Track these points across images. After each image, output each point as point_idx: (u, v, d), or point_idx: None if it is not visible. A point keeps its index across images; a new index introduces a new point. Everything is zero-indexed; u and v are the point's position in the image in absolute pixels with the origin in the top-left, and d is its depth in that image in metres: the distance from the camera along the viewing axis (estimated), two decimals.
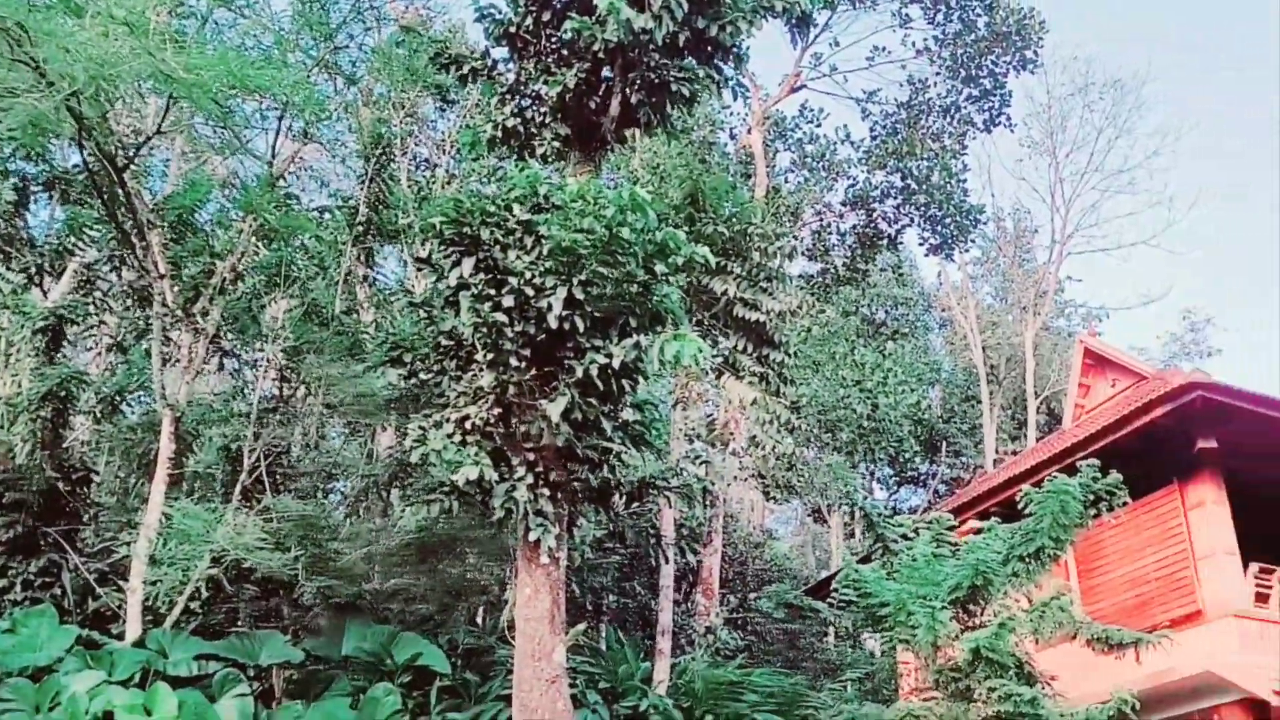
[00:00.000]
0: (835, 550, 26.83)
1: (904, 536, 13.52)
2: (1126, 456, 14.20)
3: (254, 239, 14.81)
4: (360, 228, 16.60)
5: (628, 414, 11.32)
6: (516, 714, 10.20)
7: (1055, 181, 34.87)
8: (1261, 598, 13.94)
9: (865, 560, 13.35)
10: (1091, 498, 12.55)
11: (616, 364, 10.13)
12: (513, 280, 10.09)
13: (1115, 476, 12.62)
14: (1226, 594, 13.54)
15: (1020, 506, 12.74)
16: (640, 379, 10.95)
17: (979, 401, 29.49)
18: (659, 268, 10.33)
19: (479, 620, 15.97)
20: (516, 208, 10.24)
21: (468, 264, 10.23)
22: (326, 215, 18.26)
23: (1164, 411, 13.69)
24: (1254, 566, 14.00)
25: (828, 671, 18.70)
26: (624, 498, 11.81)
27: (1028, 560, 12.26)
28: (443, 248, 10.40)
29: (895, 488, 31.83)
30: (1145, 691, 12.91)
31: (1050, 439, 21.78)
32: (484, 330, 10.12)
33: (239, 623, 14.15)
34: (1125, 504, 12.73)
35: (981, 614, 12.42)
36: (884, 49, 26.67)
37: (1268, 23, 75.03)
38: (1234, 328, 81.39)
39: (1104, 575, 15.14)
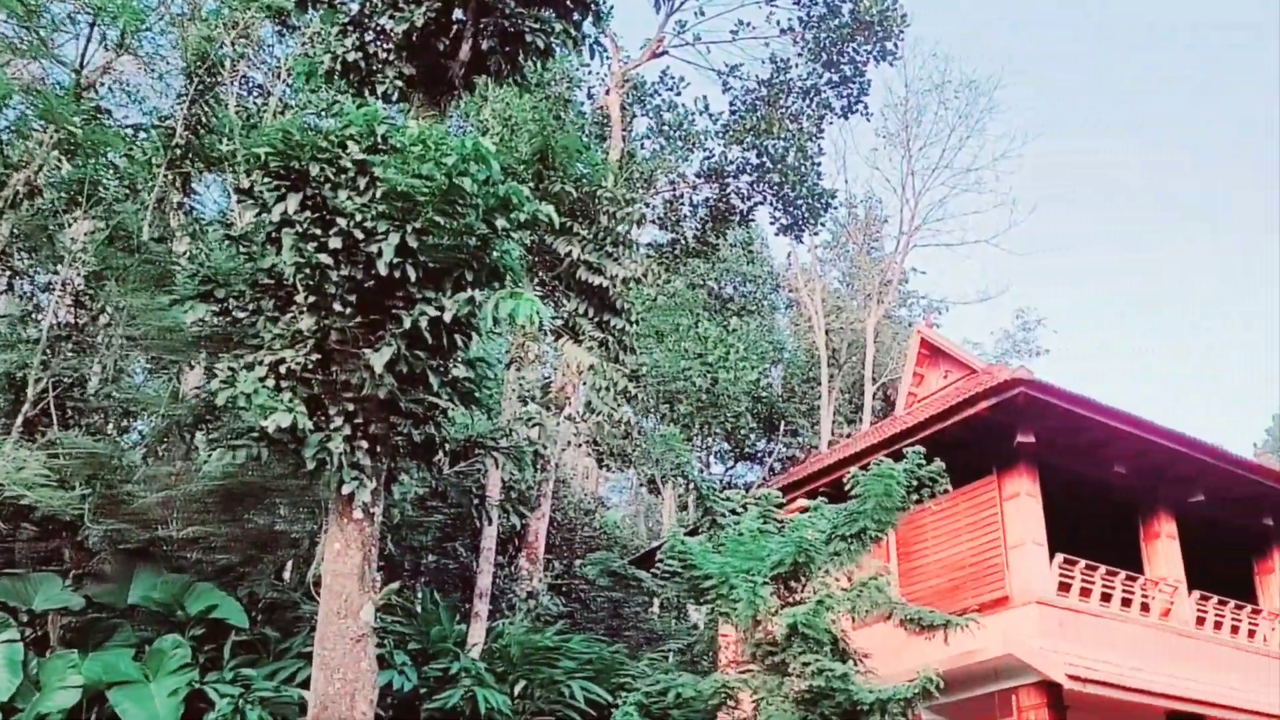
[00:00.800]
0: (668, 522, 27.29)
1: (733, 511, 13.82)
2: (951, 445, 14.91)
3: (55, 152, 13.76)
4: (178, 150, 15.65)
5: (459, 371, 11.13)
6: (316, 672, 9.95)
7: (907, 174, 36.26)
8: (1064, 587, 14.90)
9: (693, 533, 13.58)
10: (915, 483, 13.12)
11: (448, 318, 9.93)
12: (342, 221, 9.74)
13: (939, 464, 13.24)
14: (1032, 582, 14.40)
15: (847, 488, 13.22)
16: (474, 335, 10.77)
17: (819, 383, 30.48)
18: (500, 222, 10.17)
19: (286, 575, 15.47)
20: (351, 146, 9.90)
21: (293, 200, 9.83)
22: (141, 134, 17.14)
23: (988, 405, 14.39)
24: (1059, 557, 14.93)
25: (650, 641, 19.04)
26: (449, 456, 11.62)
27: (850, 540, 12.73)
28: (268, 180, 9.96)
29: (732, 463, 32.63)
30: (951, 671, 13.62)
31: (882, 425, 22.68)
32: (307, 271, 9.74)
33: (15, 565, 13.28)
34: (946, 491, 13.39)
35: (802, 591, 12.84)
36: (749, 24, 26.96)
37: (1120, 38, 79.74)
38: (1064, 329, 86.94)
39: (922, 559, 15.87)
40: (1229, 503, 17.48)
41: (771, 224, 25.14)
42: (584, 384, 14.45)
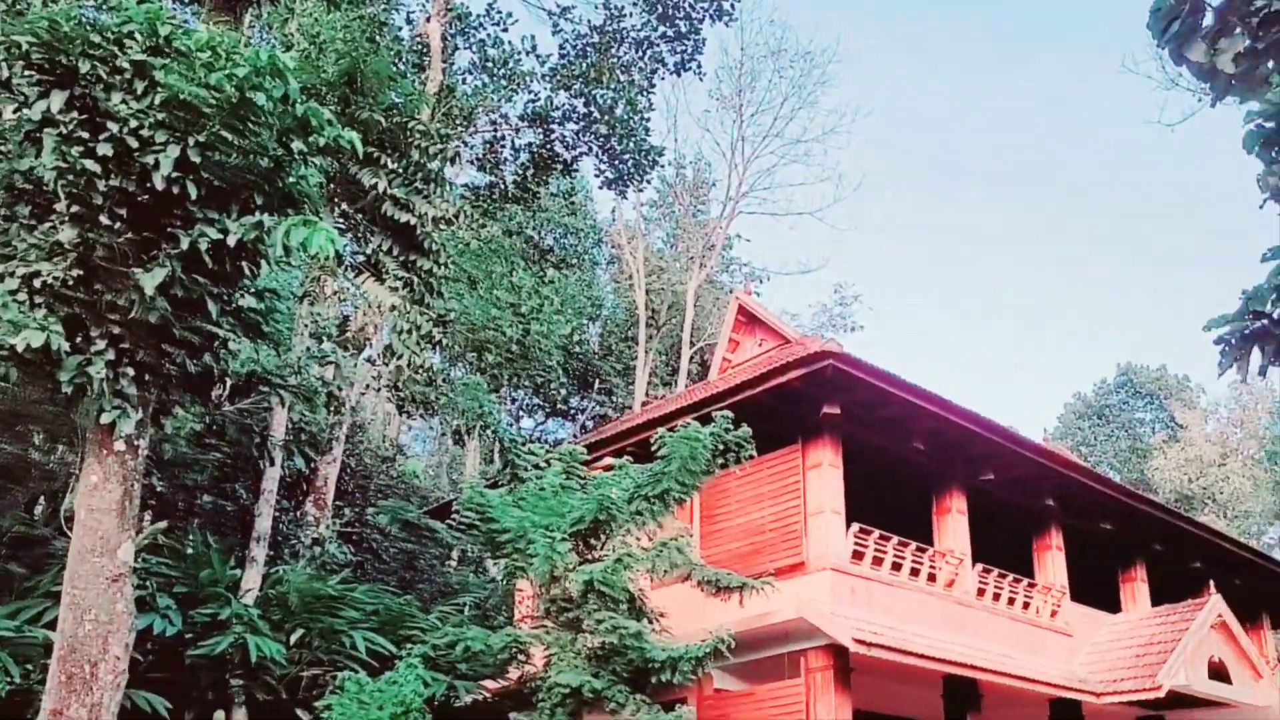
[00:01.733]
0: (471, 474, 27.04)
1: (536, 466, 13.79)
2: (760, 413, 15.34)
3: None
4: None
5: (246, 300, 10.61)
6: (65, 613, 9.39)
7: (738, 139, 36.89)
8: (858, 555, 15.62)
9: (494, 486, 13.49)
10: (721, 447, 13.44)
11: (232, 242, 9.42)
12: (114, 127, 9.08)
13: (746, 430, 13.60)
14: (828, 549, 15.03)
15: (654, 449, 13.41)
16: (263, 264, 10.27)
17: (637, 343, 30.76)
18: (297, 145, 9.73)
19: (38, 509, 14.46)
20: (130, 44, 9.22)
21: (58, 98, 9.10)
22: None
23: (798, 375, 14.85)
24: (855, 526, 15.63)
25: (445, 595, 18.85)
26: (229, 391, 11.07)
27: (653, 501, 12.92)
28: (29, 73, 9.16)
29: (544, 419, 32.61)
30: (745, 633, 14.11)
31: (694, 388, 23.13)
32: (70, 178, 9.03)
33: None
34: (752, 457, 13.78)
35: (602, 548, 12.98)
36: None
37: (955, 21, 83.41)
38: (879, 307, 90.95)
39: (724, 522, 16.30)
40: (1016, 483, 18.74)
41: (596, 176, 25.02)
42: (386, 326, 14.03)
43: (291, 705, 12.49)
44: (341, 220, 13.95)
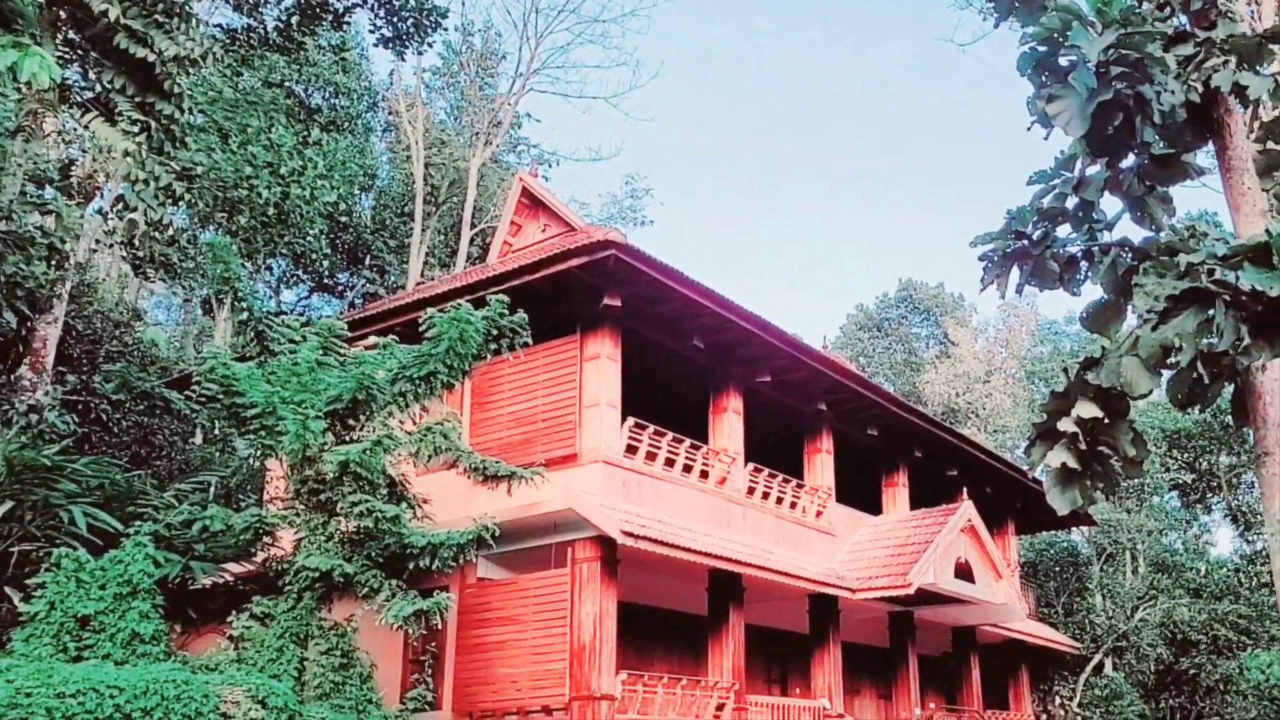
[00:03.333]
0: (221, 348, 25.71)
1: (291, 340, 13.27)
2: (539, 300, 15.30)
3: None
4: None
5: None
6: None
7: (531, 9, 35.89)
8: (632, 449, 16.00)
9: (243, 359, 12.88)
10: (495, 333, 13.29)
11: None
12: None
13: (522, 316, 13.51)
14: (602, 442, 15.31)
15: (422, 329, 13.12)
16: None
17: (414, 220, 29.88)
18: None
19: None
20: None
21: None
22: None
23: (579, 263, 14.86)
24: (631, 420, 15.95)
25: (185, 472, 18.04)
26: None
27: (418, 383, 12.69)
28: None
29: (308, 293, 31.32)
30: (512, 522, 14.27)
31: (472, 270, 22.81)
32: None
33: None
34: (528, 345, 13.72)
35: (361, 429, 12.69)
36: None
37: None
38: (670, 202, 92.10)
39: (497, 410, 16.29)
40: (792, 386, 19.62)
41: (371, 32, 23.63)
42: (119, 175, 12.92)
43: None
44: (65, 48, 12.65)
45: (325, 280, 30.21)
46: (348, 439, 12.40)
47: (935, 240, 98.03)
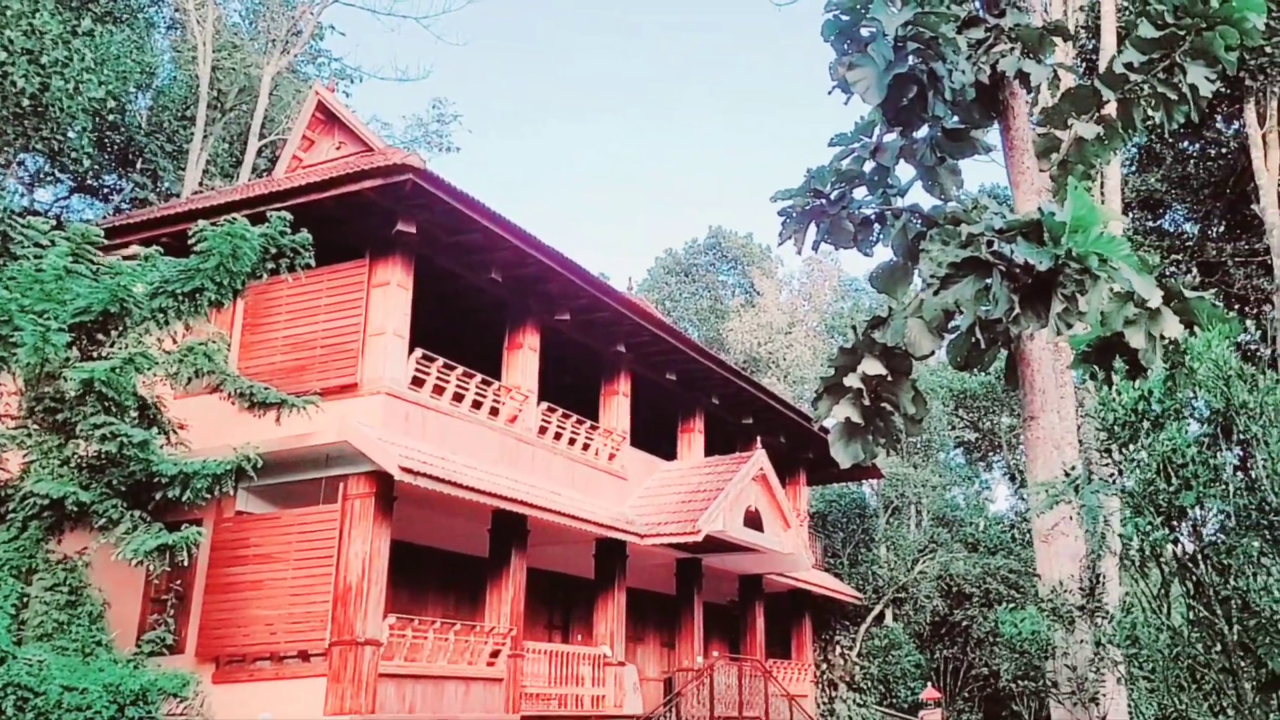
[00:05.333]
0: None
1: (37, 244, 12.30)
2: (326, 220, 14.71)
3: None
4: None
5: None
6: None
7: None
8: (418, 382, 15.61)
9: None
10: (275, 251, 12.70)
11: None
12: None
13: (306, 236, 12.95)
14: (385, 373, 14.87)
15: (191, 242, 12.41)
16: None
17: (195, 125, 28.19)
18: None
19: None
20: None
21: None
22: None
23: (373, 185, 14.38)
24: (418, 352, 15.55)
25: None
26: None
27: (181, 299, 12.02)
28: None
29: (68, 194, 29.08)
30: (280, 453, 13.74)
31: (254, 183, 21.73)
32: None
33: None
34: (310, 266, 13.16)
35: (112, 346, 11.90)
36: None
37: None
38: (480, 132, 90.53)
39: (271, 333, 15.58)
40: (592, 326, 19.61)
41: None
42: None
43: None
44: None
45: (88, 181, 28.09)
46: (95, 355, 11.60)
47: (748, 191, 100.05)
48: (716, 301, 54.26)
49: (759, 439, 23.09)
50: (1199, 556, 7.79)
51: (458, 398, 16.34)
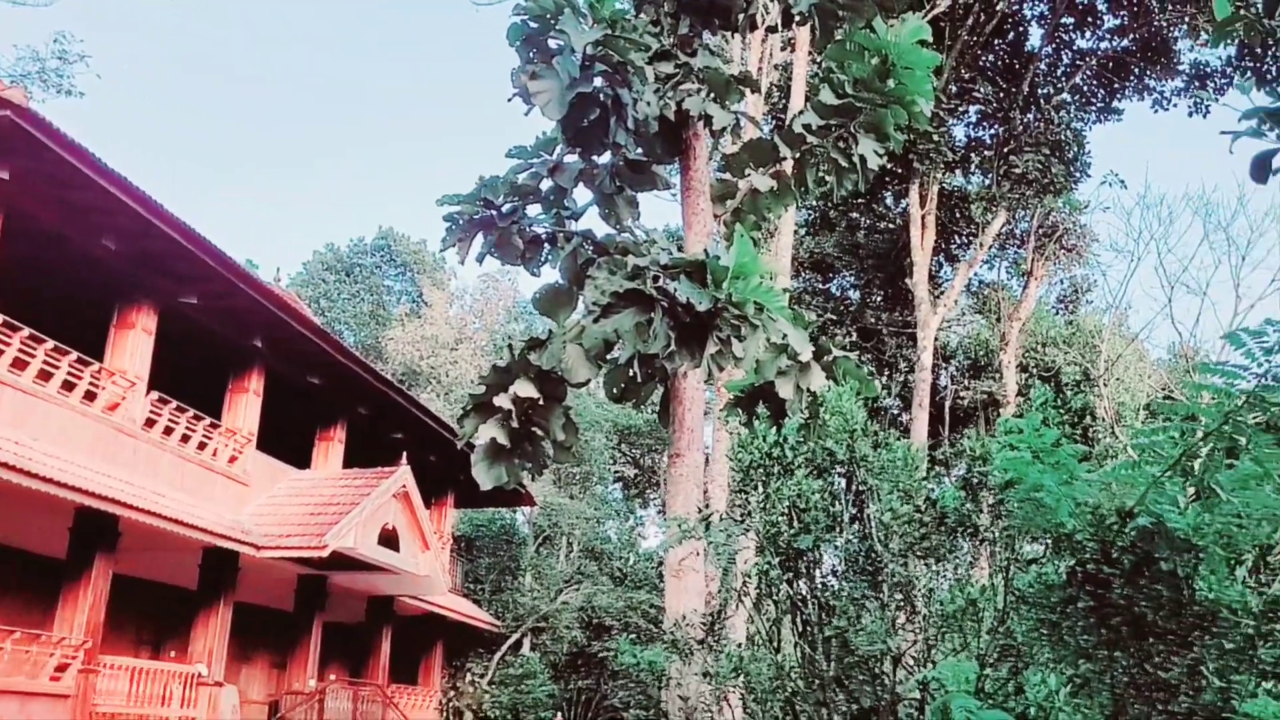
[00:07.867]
0: None
1: None
2: None
3: None
4: None
5: None
6: None
7: None
8: None
9: None
10: None
11: None
12: None
13: None
14: None
15: None
16: None
17: None
18: None
19: None
20: None
21: None
22: None
23: None
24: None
25: None
26: None
27: None
28: None
29: None
30: None
31: None
32: None
33: None
34: None
35: None
36: None
37: None
38: (113, 81, 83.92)
39: None
40: (224, 314, 18.11)
41: None
42: None
43: None
44: None
45: None
46: None
47: (424, 196, 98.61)
48: (379, 307, 52.62)
49: (405, 455, 22.23)
50: (809, 596, 8.01)
51: (45, 375, 14.54)
